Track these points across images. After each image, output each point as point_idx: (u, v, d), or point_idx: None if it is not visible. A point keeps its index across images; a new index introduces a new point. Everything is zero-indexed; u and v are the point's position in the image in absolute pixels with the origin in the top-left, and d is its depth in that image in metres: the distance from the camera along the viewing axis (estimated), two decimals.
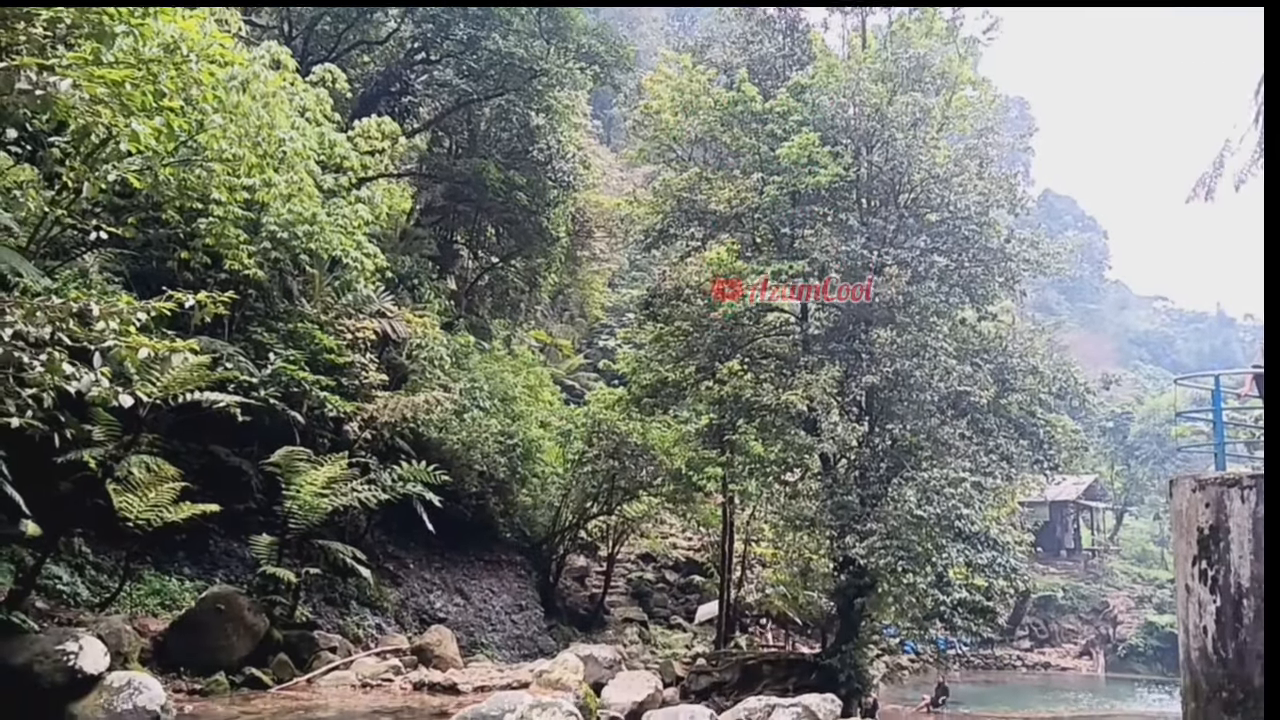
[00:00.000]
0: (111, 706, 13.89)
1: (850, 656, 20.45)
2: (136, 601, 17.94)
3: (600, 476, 27.93)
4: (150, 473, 16.18)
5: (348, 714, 16.25)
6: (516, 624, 27.68)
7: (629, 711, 18.05)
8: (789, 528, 22.34)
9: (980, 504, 19.14)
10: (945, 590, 18.78)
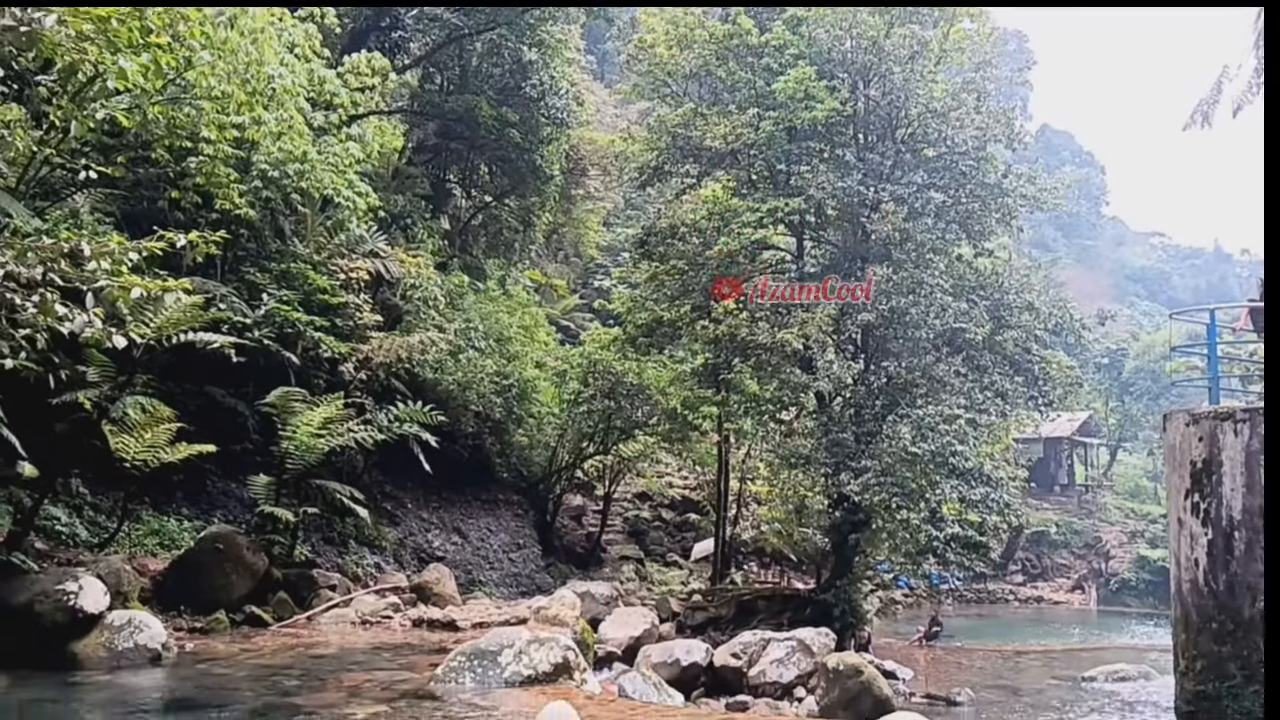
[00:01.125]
0: (112, 645, 14.02)
1: (844, 591, 20.65)
2: (135, 542, 18.04)
3: (596, 416, 27.97)
4: (146, 414, 16.18)
5: (348, 650, 16.41)
6: (514, 562, 27.92)
7: (626, 647, 18.27)
8: (784, 465, 22.40)
9: (974, 440, 19.21)
10: (939, 526, 18.91)
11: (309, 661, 15.16)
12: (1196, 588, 12.30)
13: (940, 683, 18.67)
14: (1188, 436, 12.71)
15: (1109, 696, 17.35)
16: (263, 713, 11.70)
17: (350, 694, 12.85)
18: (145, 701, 12.51)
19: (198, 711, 11.76)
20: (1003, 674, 20.48)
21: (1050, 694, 18.03)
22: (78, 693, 12.66)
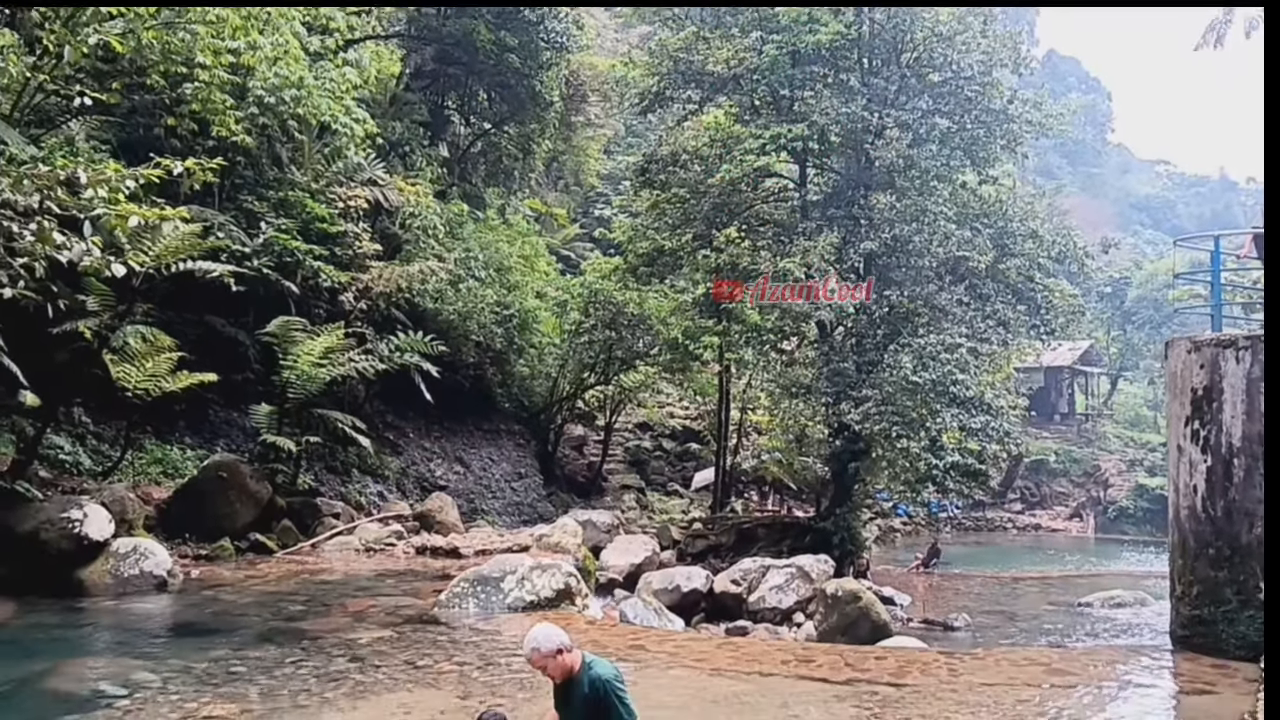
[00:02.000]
0: (118, 571, 14.18)
1: (844, 520, 20.78)
2: (139, 470, 18.13)
3: (597, 347, 27.95)
4: (146, 343, 16.17)
5: (353, 576, 16.60)
6: (516, 491, 28.10)
7: (627, 573, 18.46)
8: (785, 395, 22.40)
9: (976, 369, 19.16)
10: (938, 454, 18.95)
11: (314, 588, 15.34)
12: (1194, 514, 12.35)
13: (938, 608, 18.91)
14: (1189, 364, 12.68)
15: (1105, 622, 17.57)
16: (269, 637, 11.86)
17: (355, 619, 13.02)
18: (153, 627, 12.67)
19: (205, 636, 11.91)
20: (1000, 600, 20.72)
21: (1047, 619, 18.25)
22: (85, 618, 12.82)
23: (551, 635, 5.26)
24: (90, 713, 8.72)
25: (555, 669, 5.24)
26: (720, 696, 9.80)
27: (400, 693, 9.63)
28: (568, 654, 5.22)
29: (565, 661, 5.21)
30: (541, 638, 5.25)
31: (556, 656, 5.20)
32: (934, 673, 10.84)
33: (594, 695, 5.13)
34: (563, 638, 5.25)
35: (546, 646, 5.21)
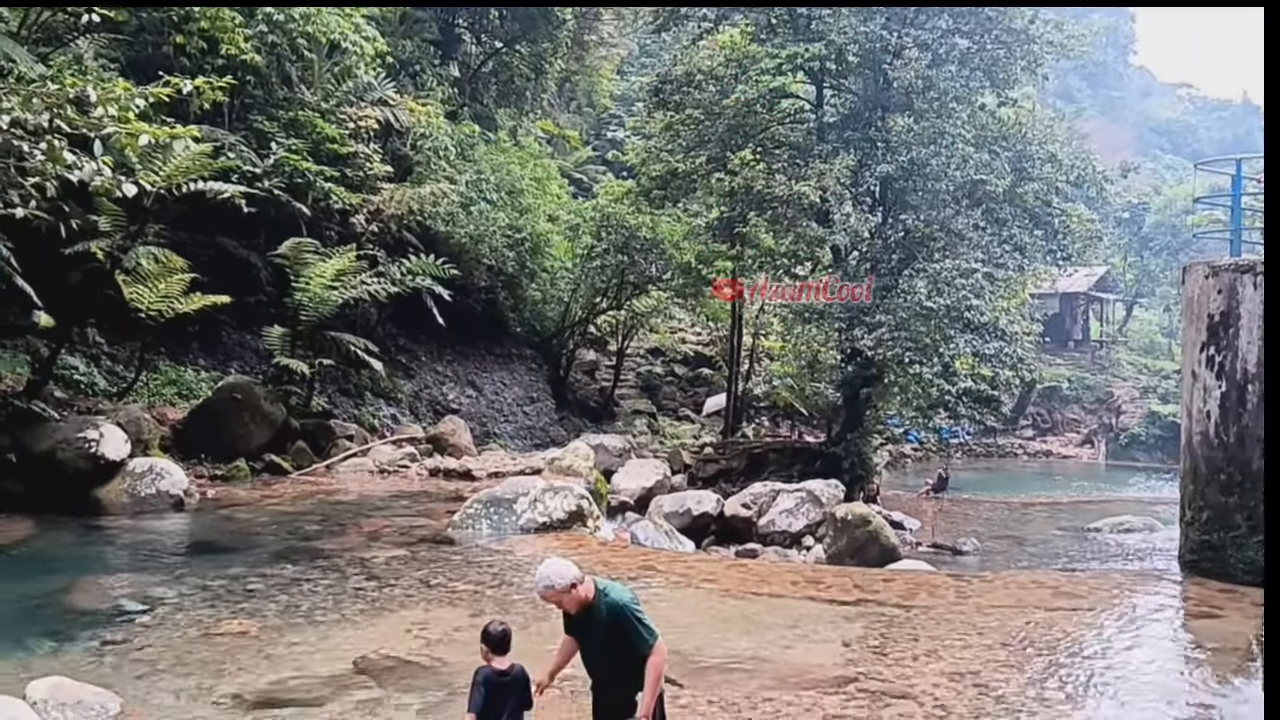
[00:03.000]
0: (135, 491, 14.33)
1: (855, 445, 20.81)
2: (154, 391, 18.25)
3: (609, 271, 27.82)
4: (159, 264, 16.16)
5: (367, 497, 16.77)
6: (528, 415, 28.23)
7: (638, 497, 18.57)
8: (798, 320, 22.28)
9: (991, 295, 19.03)
10: (951, 380, 18.90)
11: (329, 508, 15.51)
12: (1207, 440, 12.32)
13: (946, 533, 18.99)
14: (1206, 289, 12.55)
15: (1114, 547, 17.64)
16: (285, 556, 12.01)
17: (370, 539, 13.17)
18: (170, 545, 12.84)
19: (222, 555, 12.07)
20: (1009, 525, 20.80)
21: (1055, 544, 18.33)
22: (103, 536, 12.99)
23: (563, 571, 5.23)
24: (111, 628, 8.85)
25: (570, 602, 5.25)
26: (730, 616, 9.91)
27: (415, 610, 9.76)
28: (580, 587, 5.21)
29: (578, 594, 5.22)
30: (554, 574, 5.22)
31: (570, 591, 5.20)
32: (942, 595, 10.93)
33: (613, 621, 5.14)
34: (574, 572, 5.23)
35: (560, 583, 5.20)
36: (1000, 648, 8.62)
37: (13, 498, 13.34)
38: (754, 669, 7.96)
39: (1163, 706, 7.24)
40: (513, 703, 5.33)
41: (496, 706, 5.29)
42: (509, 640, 5.41)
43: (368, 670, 7.79)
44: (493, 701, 5.29)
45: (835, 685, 7.54)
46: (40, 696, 6.45)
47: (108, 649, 8.26)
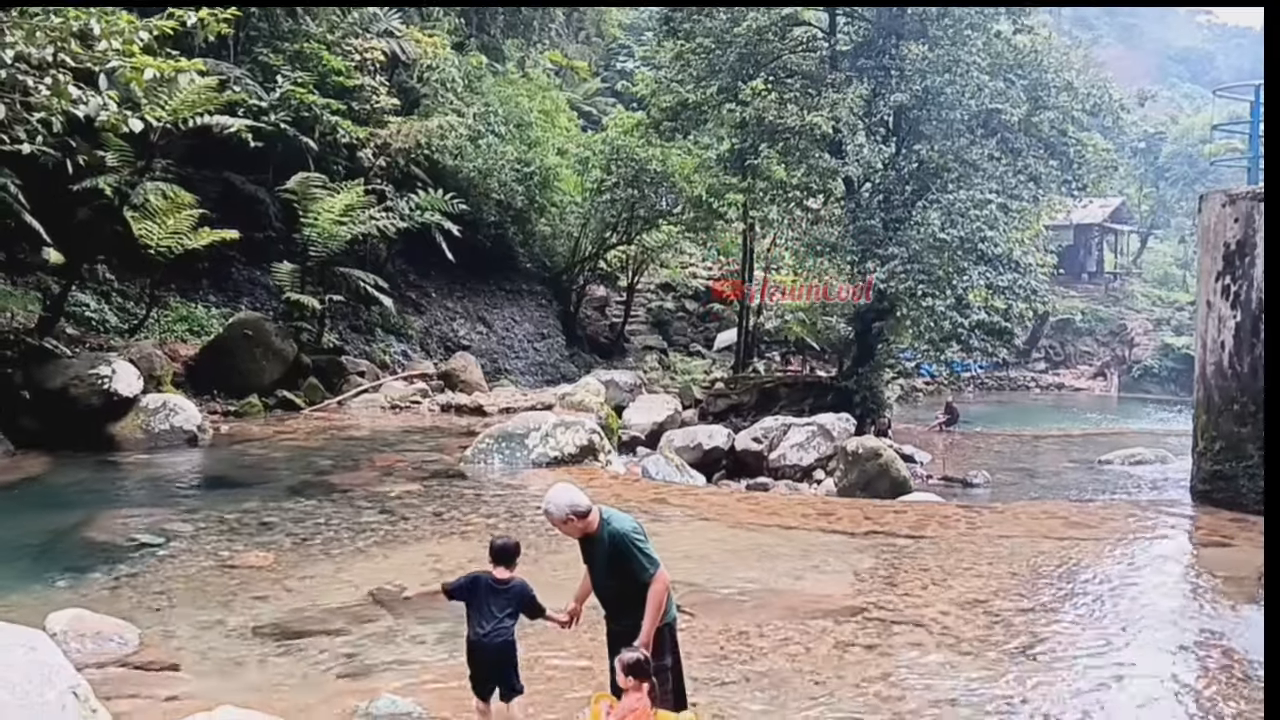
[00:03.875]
0: (149, 427, 14.42)
1: (866, 379, 20.80)
2: (165, 328, 18.28)
3: (619, 205, 27.61)
4: (167, 200, 16.10)
5: (379, 433, 16.84)
6: (539, 351, 28.23)
7: (649, 431, 18.62)
8: (810, 254, 22.13)
9: (1005, 226, 18.87)
10: (964, 313, 18.82)
11: (342, 443, 15.59)
12: (1220, 370, 12.24)
13: (958, 466, 19.03)
14: (1223, 217, 12.37)
15: (1125, 478, 17.64)
16: (299, 490, 12.10)
17: (383, 473, 13.25)
18: (185, 480, 12.94)
19: (237, 489, 12.16)
20: (1020, 458, 20.82)
21: (1067, 476, 18.36)
22: (118, 472, 13.09)
23: (563, 501, 5.23)
24: (128, 561, 8.94)
25: (571, 530, 5.28)
26: (741, 547, 9.96)
27: (429, 543, 9.84)
28: (580, 519, 5.22)
29: (580, 525, 5.23)
30: (552, 504, 5.24)
31: (568, 522, 5.22)
32: (953, 525, 10.96)
33: (614, 550, 5.18)
34: (575, 503, 5.21)
35: (556, 513, 5.22)
36: (1010, 576, 8.65)
37: (28, 434, 13.45)
38: (765, 599, 8.01)
39: (1171, 633, 7.27)
40: (508, 609, 5.36)
41: (483, 608, 5.34)
42: (509, 553, 5.45)
43: (383, 601, 7.87)
44: (477, 603, 5.36)
45: (846, 614, 7.59)
46: (60, 628, 6.53)
47: (125, 582, 8.35)
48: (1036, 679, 6.30)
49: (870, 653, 6.76)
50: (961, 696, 5.97)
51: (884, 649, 6.83)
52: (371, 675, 6.37)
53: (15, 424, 13.45)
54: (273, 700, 5.41)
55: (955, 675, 6.32)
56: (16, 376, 13.74)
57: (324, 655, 6.77)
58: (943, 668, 6.46)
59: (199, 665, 6.57)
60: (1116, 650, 6.93)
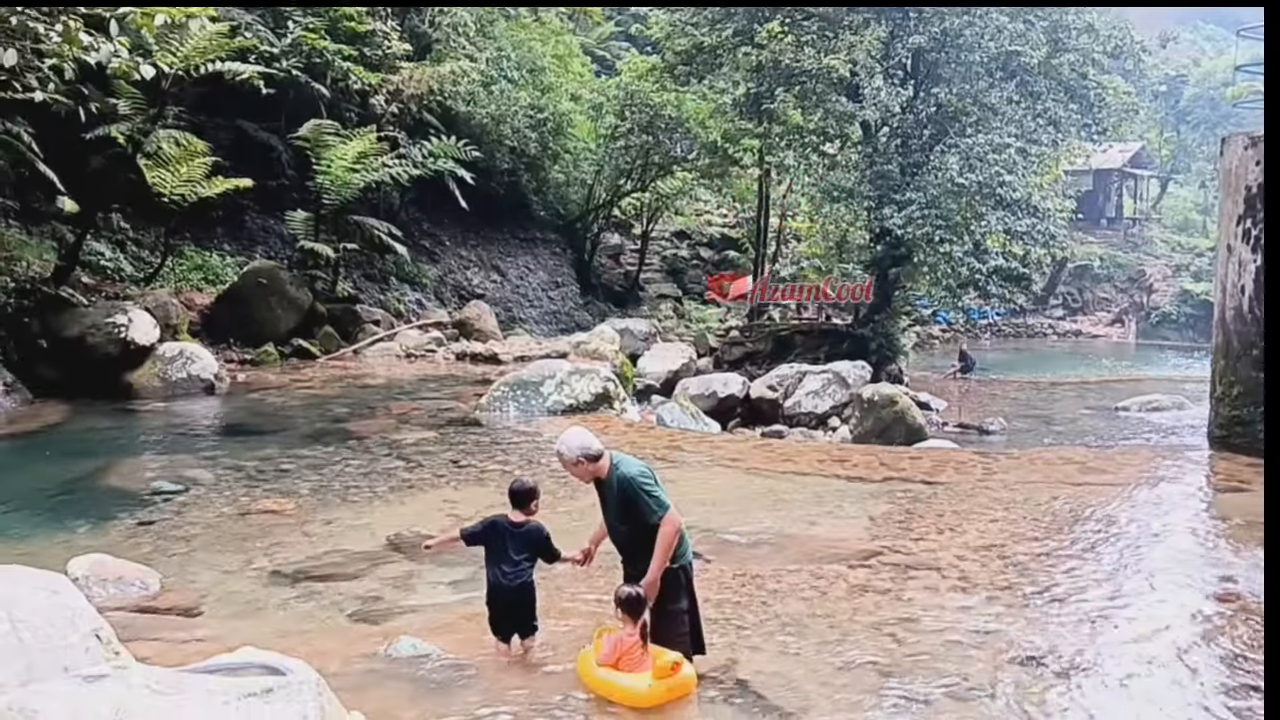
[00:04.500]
0: (166, 375, 14.50)
1: (882, 326, 20.71)
2: (180, 277, 18.31)
3: (634, 152, 27.40)
4: (180, 148, 16.06)
5: (395, 381, 16.90)
6: (553, 300, 28.20)
7: (664, 380, 18.63)
8: (826, 200, 21.95)
9: (1023, 171, 18.66)
10: (982, 259, 18.68)
11: (358, 391, 15.66)
12: (1240, 314, 12.11)
13: (973, 413, 19.00)
14: (1245, 160, 12.16)
15: (1142, 425, 17.59)
16: (316, 437, 12.16)
17: (399, 421, 13.30)
18: (203, 428, 13.03)
19: (254, 437, 12.24)
20: (1036, 404, 20.76)
21: (1083, 423, 18.30)
22: (136, 420, 13.19)
23: (575, 443, 5.29)
24: (148, 508, 9.03)
25: (581, 473, 5.33)
26: (756, 494, 9.98)
27: (445, 489, 9.89)
28: (591, 462, 5.26)
29: (590, 469, 5.28)
30: (565, 445, 5.31)
31: (579, 464, 5.27)
32: (968, 471, 10.95)
33: (623, 493, 5.23)
34: (587, 445, 5.26)
35: (568, 454, 5.29)
36: (1026, 522, 8.65)
37: (46, 383, 13.55)
38: (780, 544, 8.03)
39: (1186, 577, 7.26)
40: (522, 551, 5.46)
41: (500, 551, 5.45)
42: (526, 496, 5.54)
43: (400, 546, 7.93)
44: (495, 545, 5.47)
45: (860, 559, 7.61)
46: (81, 573, 6.60)
47: (146, 528, 8.43)
48: (1051, 621, 6.31)
49: (885, 597, 6.78)
50: (976, 639, 5.99)
51: (899, 593, 6.85)
52: (391, 619, 6.43)
53: (34, 372, 13.56)
54: (294, 643, 5.46)
55: (970, 618, 6.34)
56: (34, 325, 13.81)
57: (344, 599, 6.84)
58: (958, 611, 6.48)
59: (220, 609, 6.65)
60: (1131, 593, 6.93)
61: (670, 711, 4.98)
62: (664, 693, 5.00)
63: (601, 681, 5.14)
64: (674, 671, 5.00)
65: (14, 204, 15.25)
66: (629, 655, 5.09)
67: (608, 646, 5.16)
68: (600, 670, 5.15)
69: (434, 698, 5.06)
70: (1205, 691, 5.35)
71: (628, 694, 5.02)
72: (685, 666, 5.07)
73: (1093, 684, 5.45)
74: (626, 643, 5.10)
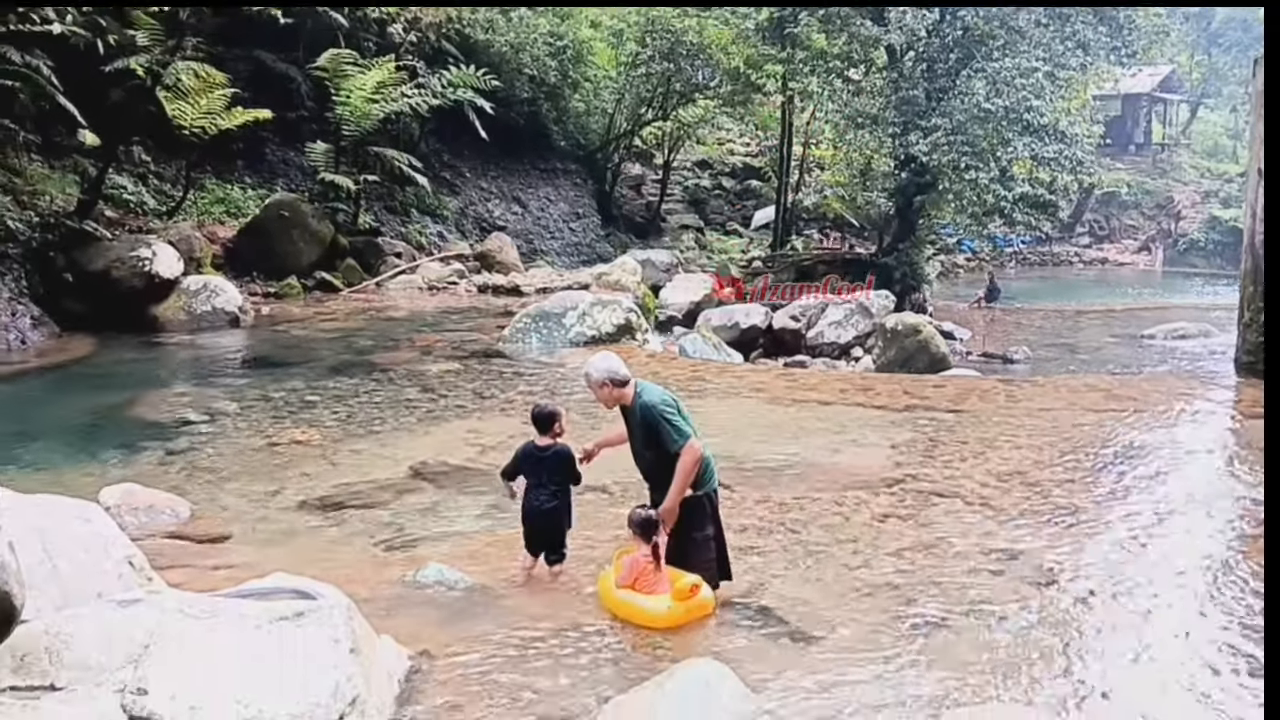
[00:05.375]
0: (191, 308, 14.59)
1: (906, 255, 20.56)
2: (202, 210, 18.32)
3: (654, 80, 27.04)
4: (199, 79, 15.97)
5: (417, 314, 16.94)
6: (574, 231, 28.06)
7: (686, 311, 18.58)
8: (850, 127, 21.64)
9: (1051, 95, 18.35)
10: (1008, 185, 18.44)
11: (381, 324, 15.71)
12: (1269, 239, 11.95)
13: (998, 342, 18.92)
14: None
15: (1168, 352, 17.48)
16: (341, 369, 12.24)
17: (423, 353, 13.36)
18: (228, 361, 13.13)
19: (279, 369, 12.32)
20: (1061, 333, 20.64)
21: (1108, 351, 18.20)
22: (163, 353, 13.31)
23: (603, 366, 5.36)
24: (177, 438, 9.14)
25: (606, 396, 5.41)
26: (779, 423, 9.99)
27: (470, 420, 9.96)
28: (616, 388, 5.33)
29: (615, 394, 5.36)
30: (593, 367, 5.42)
31: (604, 387, 5.36)
32: (992, 399, 10.93)
33: (644, 421, 5.30)
34: (615, 370, 5.34)
35: (595, 376, 5.39)
36: (1050, 449, 8.64)
37: (73, 316, 13.66)
38: (802, 472, 8.07)
39: (1209, 501, 7.26)
40: (554, 476, 5.63)
41: (534, 477, 5.64)
42: (551, 420, 5.66)
43: (426, 475, 8.01)
44: (529, 472, 5.65)
45: (883, 486, 7.64)
46: (113, 502, 6.71)
47: (175, 458, 8.55)
48: (1072, 546, 6.34)
49: (907, 523, 6.82)
50: (997, 563, 6.02)
51: (921, 519, 6.88)
52: (418, 546, 6.52)
53: (60, 306, 13.66)
54: (323, 569, 5.54)
55: (992, 543, 6.38)
56: (59, 260, 13.88)
57: (371, 527, 6.93)
58: (980, 536, 6.51)
59: (249, 536, 6.76)
60: (1154, 518, 6.94)
61: (694, 635, 5.06)
62: (683, 614, 5.09)
63: (621, 603, 5.24)
64: (693, 594, 5.08)
65: (35, 138, 15.22)
66: (644, 577, 5.19)
67: (625, 569, 5.26)
68: (619, 592, 5.25)
69: (460, 622, 5.15)
70: (1225, 614, 5.38)
71: (647, 615, 5.12)
72: (704, 589, 5.15)
73: (1113, 607, 5.49)
74: (641, 564, 5.20)
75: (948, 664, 4.74)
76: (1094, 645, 5.02)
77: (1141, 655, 4.96)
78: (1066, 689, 4.57)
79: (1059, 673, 4.71)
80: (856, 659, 4.79)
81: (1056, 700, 4.45)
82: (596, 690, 4.41)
